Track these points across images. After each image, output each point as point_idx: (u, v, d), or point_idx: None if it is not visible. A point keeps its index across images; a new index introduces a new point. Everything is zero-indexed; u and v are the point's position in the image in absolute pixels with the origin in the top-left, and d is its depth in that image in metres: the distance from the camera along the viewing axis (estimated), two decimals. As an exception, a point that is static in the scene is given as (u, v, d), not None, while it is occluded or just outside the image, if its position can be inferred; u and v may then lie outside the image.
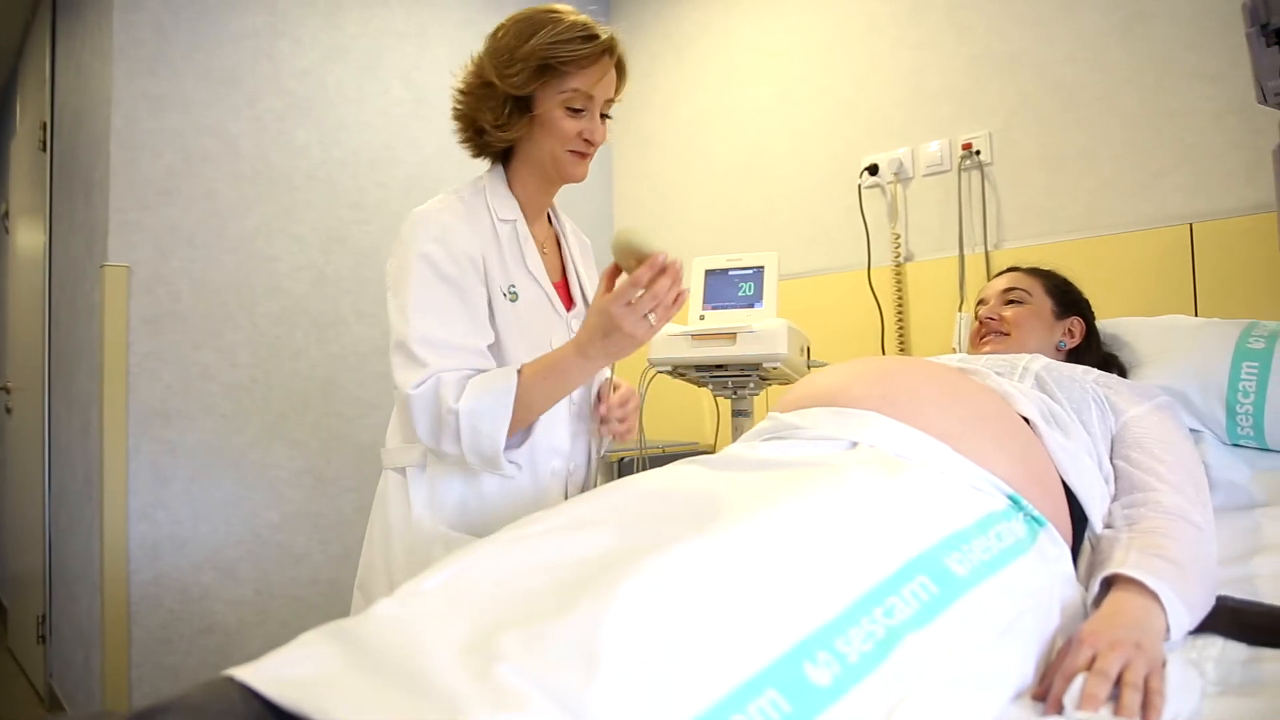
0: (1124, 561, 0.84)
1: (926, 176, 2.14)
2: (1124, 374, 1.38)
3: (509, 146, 1.22)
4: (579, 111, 1.15)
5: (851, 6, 2.30)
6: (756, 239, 2.48)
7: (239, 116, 2.19)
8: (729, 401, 1.78)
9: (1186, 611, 0.80)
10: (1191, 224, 1.71)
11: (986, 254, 2.01)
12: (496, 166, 1.25)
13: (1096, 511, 0.98)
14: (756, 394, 1.76)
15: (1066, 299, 1.45)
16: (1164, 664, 0.72)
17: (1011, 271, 1.52)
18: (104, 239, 2.01)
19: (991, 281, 1.53)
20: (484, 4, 2.68)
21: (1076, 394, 1.11)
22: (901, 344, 2.15)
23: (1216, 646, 0.82)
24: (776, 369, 1.62)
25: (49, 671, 2.45)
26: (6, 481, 3.41)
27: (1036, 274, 1.48)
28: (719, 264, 1.81)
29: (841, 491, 0.75)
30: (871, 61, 2.26)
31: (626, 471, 2.02)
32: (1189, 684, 0.72)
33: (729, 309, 1.73)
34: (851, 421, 0.93)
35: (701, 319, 1.73)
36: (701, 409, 2.58)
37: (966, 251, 2.05)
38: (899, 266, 2.17)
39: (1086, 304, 1.47)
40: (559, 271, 1.31)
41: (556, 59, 1.11)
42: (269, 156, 2.24)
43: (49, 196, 2.54)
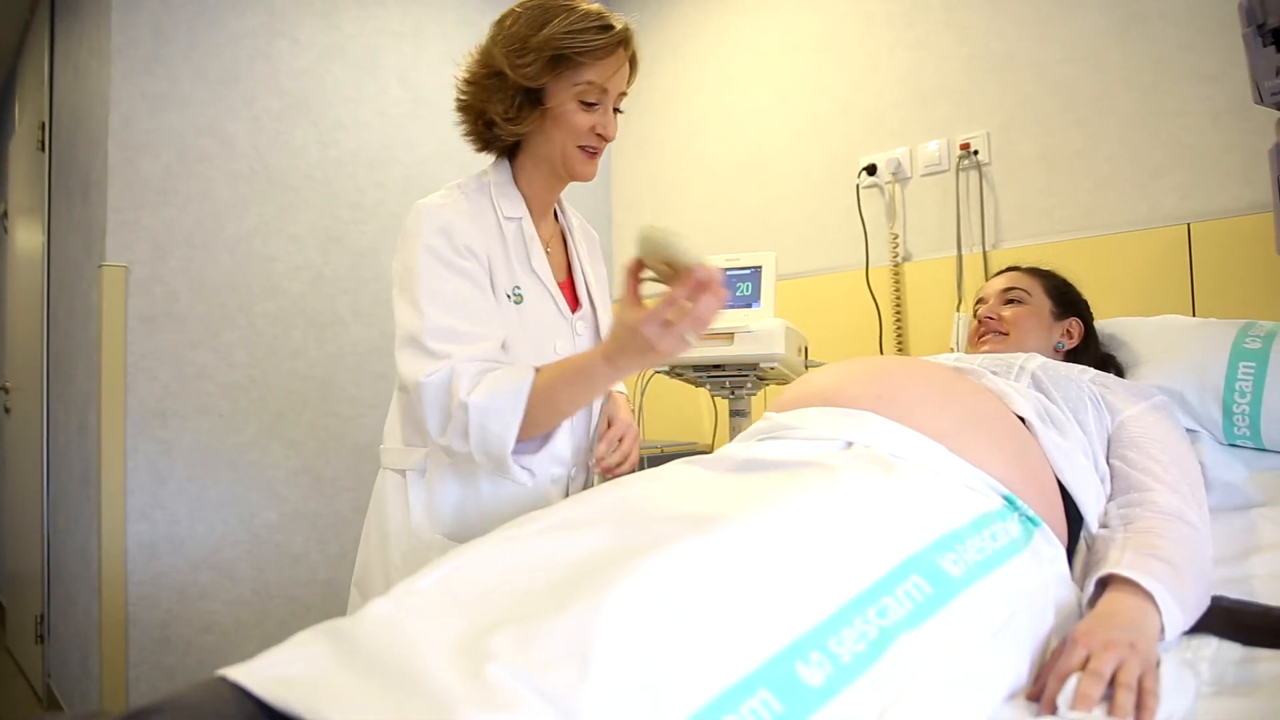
0: (1119, 561, 0.84)
1: (924, 176, 2.14)
2: (1121, 374, 1.38)
3: (516, 141, 1.17)
4: (592, 105, 1.10)
5: (849, 7, 2.30)
6: (755, 239, 2.48)
7: (237, 116, 2.19)
8: (727, 401, 1.78)
9: (1181, 612, 0.80)
10: (1189, 224, 1.71)
11: (984, 254, 2.01)
12: (502, 161, 1.20)
13: (1092, 511, 0.98)
14: (754, 394, 1.76)
15: (1066, 300, 1.44)
16: (1158, 664, 0.72)
17: (1011, 271, 1.52)
18: (102, 239, 2.01)
19: (991, 280, 1.53)
20: (481, 4, 2.68)
21: (1073, 393, 1.11)
22: (900, 344, 2.15)
23: (1211, 647, 0.82)
24: (774, 369, 1.62)
25: (47, 671, 2.45)
26: (5, 481, 3.41)
27: (1036, 274, 1.48)
28: (716, 264, 1.81)
29: (835, 492, 0.75)
30: (869, 62, 2.26)
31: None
32: (1183, 684, 0.72)
33: (727, 308, 1.73)
34: (846, 421, 0.93)
35: (699, 319, 1.74)
36: (699, 409, 2.58)
37: (964, 251, 2.05)
38: (897, 266, 2.17)
39: (1085, 305, 1.46)
40: (564, 270, 1.26)
41: (572, 50, 1.06)
42: (266, 156, 2.24)
43: (47, 196, 2.54)
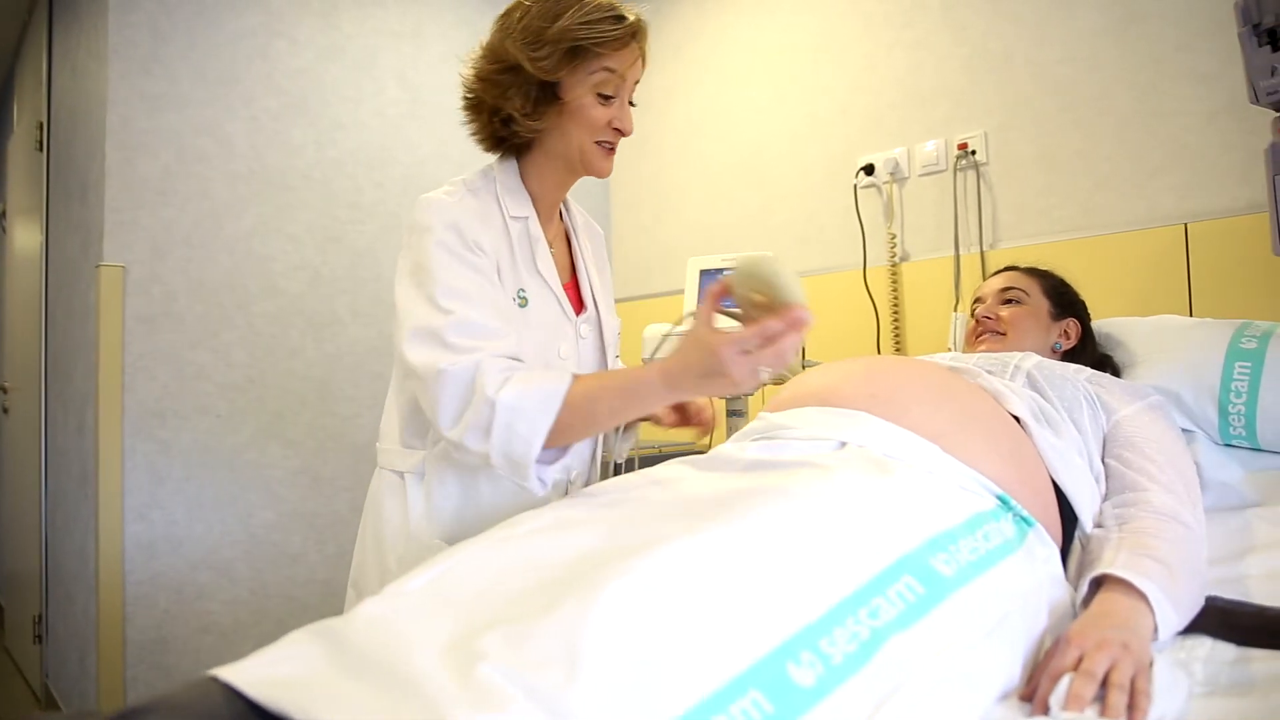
0: (1113, 561, 0.84)
1: (922, 176, 2.14)
2: (1117, 374, 1.38)
3: (528, 138, 1.13)
4: (608, 99, 1.08)
5: (848, 7, 2.30)
6: (753, 239, 2.48)
7: (235, 116, 2.19)
8: (724, 401, 1.78)
9: (1175, 612, 0.80)
10: (1186, 224, 1.71)
11: (982, 254, 2.01)
12: (509, 159, 1.16)
13: (1087, 511, 0.98)
14: (751, 394, 1.76)
15: (1064, 300, 1.44)
16: (1151, 664, 0.72)
17: (1009, 271, 1.51)
18: (100, 239, 2.01)
19: (989, 280, 1.52)
20: (480, 4, 2.68)
21: (1068, 392, 1.11)
22: (897, 344, 2.15)
23: (1205, 647, 0.82)
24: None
25: (45, 671, 2.45)
26: (4, 481, 3.42)
27: (1034, 274, 1.48)
28: (713, 264, 1.81)
29: (828, 492, 0.75)
30: (867, 62, 2.26)
31: (623, 472, 2.02)
32: (1176, 684, 0.72)
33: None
34: (841, 421, 0.93)
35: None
36: (698, 409, 2.58)
37: (962, 251, 2.05)
38: (895, 266, 2.17)
39: (1083, 305, 1.46)
40: (568, 271, 1.22)
41: (590, 40, 1.02)
42: (265, 156, 2.24)
43: (46, 196, 2.54)
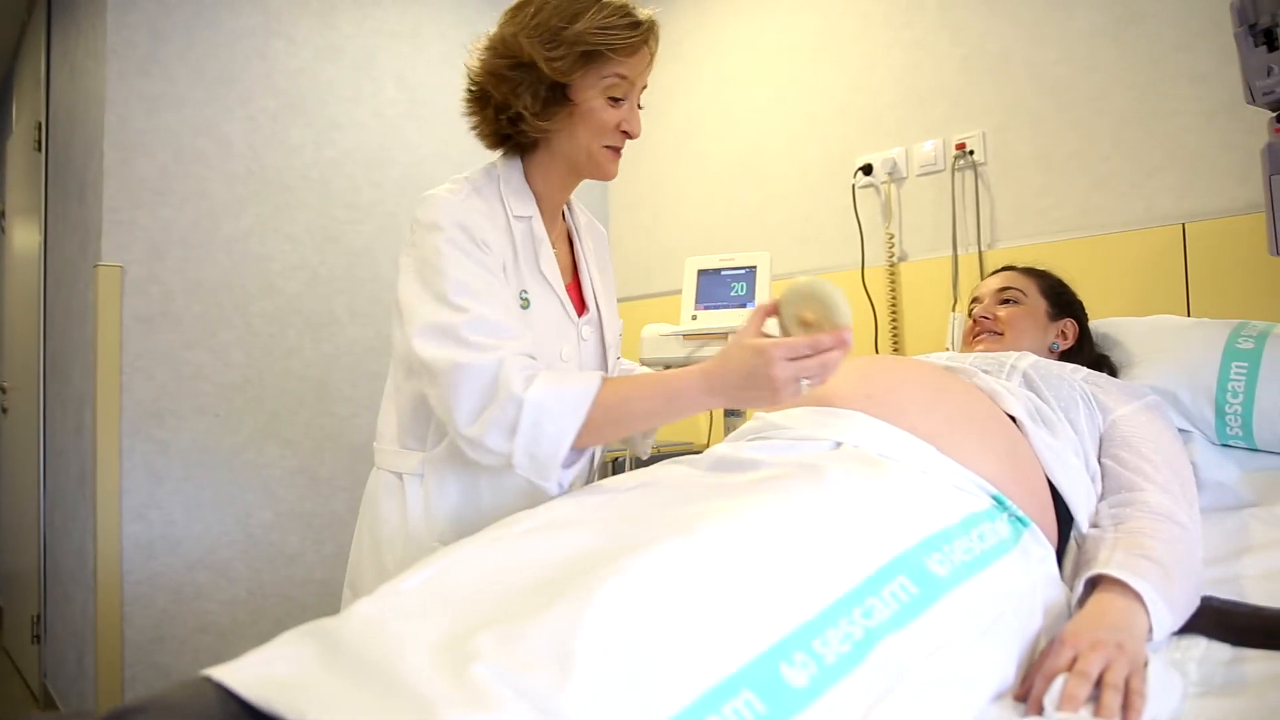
0: (1108, 561, 0.84)
1: (920, 176, 2.14)
2: (1114, 374, 1.38)
3: (534, 138, 1.11)
4: (618, 101, 1.06)
5: (846, 7, 2.30)
6: (751, 239, 2.48)
7: (233, 116, 2.19)
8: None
9: (1170, 612, 0.80)
10: (1184, 224, 1.71)
11: (980, 254, 2.01)
12: (513, 158, 1.14)
13: (1082, 511, 0.98)
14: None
15: (1061, 300, 1.44)
16: (1146, 664, 0.72)
17: (1007, 270, 1.51)
18: (97, 239, 2.01)
19: (986, 280, 1.52)
20: (479, 4, 2.68)
21: (1064, 392, 1.11)
22: (895, 344, 2.15)
23: (1200, 647, 0.82)
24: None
25: (43, 671, 2.45)
26: (2, 481, 3.41)
27: (1032, 274, 1.48)
28: (711, 264, 1.81)
29: (822, 492, 0.75)
30: (865, 61, 2.26)
31: (622, 471, 2.02)
32: (1170, 684, 0.71)
33: (721, 309, 1.74)
34: (836, 421, 0.93)
35: (693, 319, 1.74)
36: (696, 409, 2.58)
37: (960, 251, 2.05)
38: (893, 266, 2.16)
39: (1080, 306, 1.46)
40: (570, 272, 1.21)
41: (606, 46, 1.00)
42: (263, 156, 2.24)
43: (44, 196, 2.54)
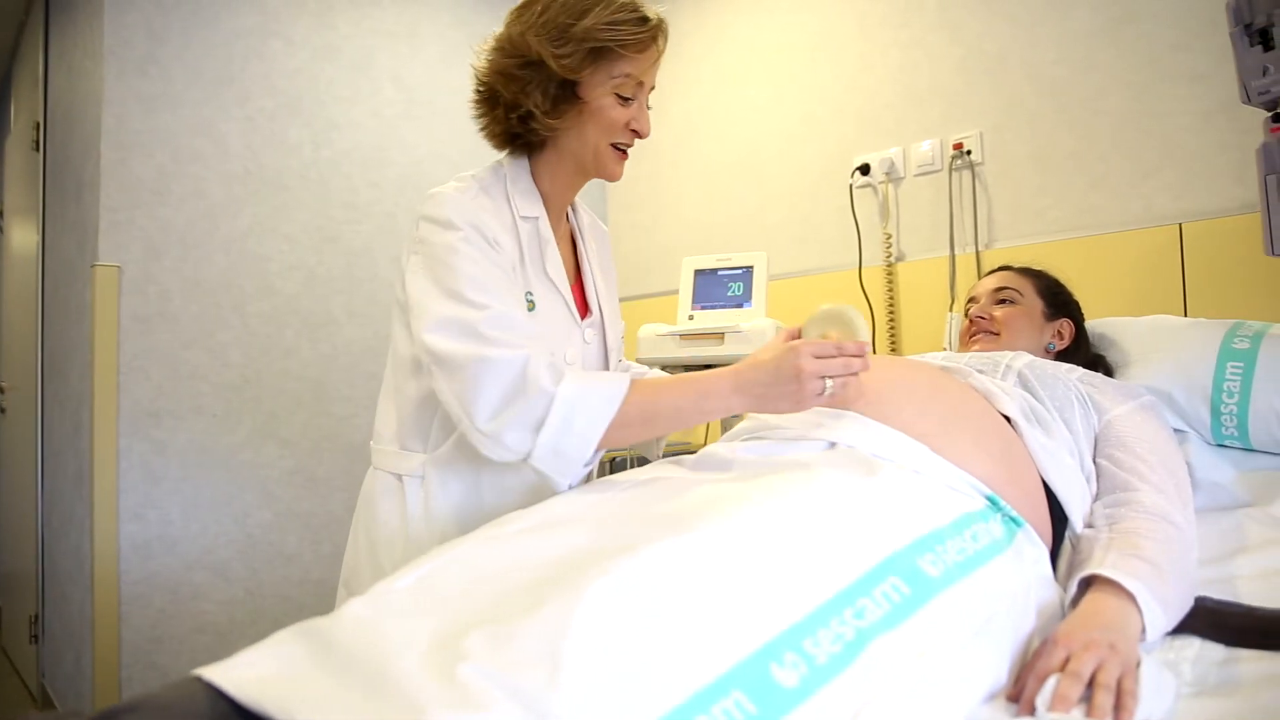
0: (1102, 562, 0.84)
1: (918, 176, 2.14)
2: (1110, 374, 1.38)
3: (542, 137, 1.10)
4: (627, 100, 1.06)
5: (843, 6, 2.30)
6: (748, 238, 2.48)
7: (230, 116, 2.19)
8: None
9: (1163, 612, 0.80)
10: (1180, 224, 1.71)
11: (977, 254, 2.01)
12: (520, 157, 1.13)
13: (1077, 511, 0.98)
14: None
15: (1057, 300, 1.44)
16: (1138, 665, 0.72)
17: (1003, 270, 1.51)
18: (95, 239, 2.01)
19: (983, 280, 1.52)
20: (476, 4, 2.68)
21: (1059, 392, 1.11)
22: (893, 344, 2.15)
23: (1194, 647, 0.82)
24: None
25: (41, 671, 2.45)
26: (1, 481, 3.41)
27: (1028, 274, 1.48)
28: (708, 264, 1.82)
29: (814, 492, 0.75)
30: (863, 61, 2.26)
31: (619, 470, 2.03)
32: (1163, 685, 0.71)
33: (718, 309, 1.74)
34: (830, 422, 0.93)
35: (690, 319, 1.74)
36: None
37: (957, 251, 2.05)
38: (890, 266, 2.16)
39: (1077, 306, 1.46)
40: (573, 273, 1.20)
41: (615, 42, 1.00)
42: (260, 156, 2.24)
43: (42, 196, 2.54)
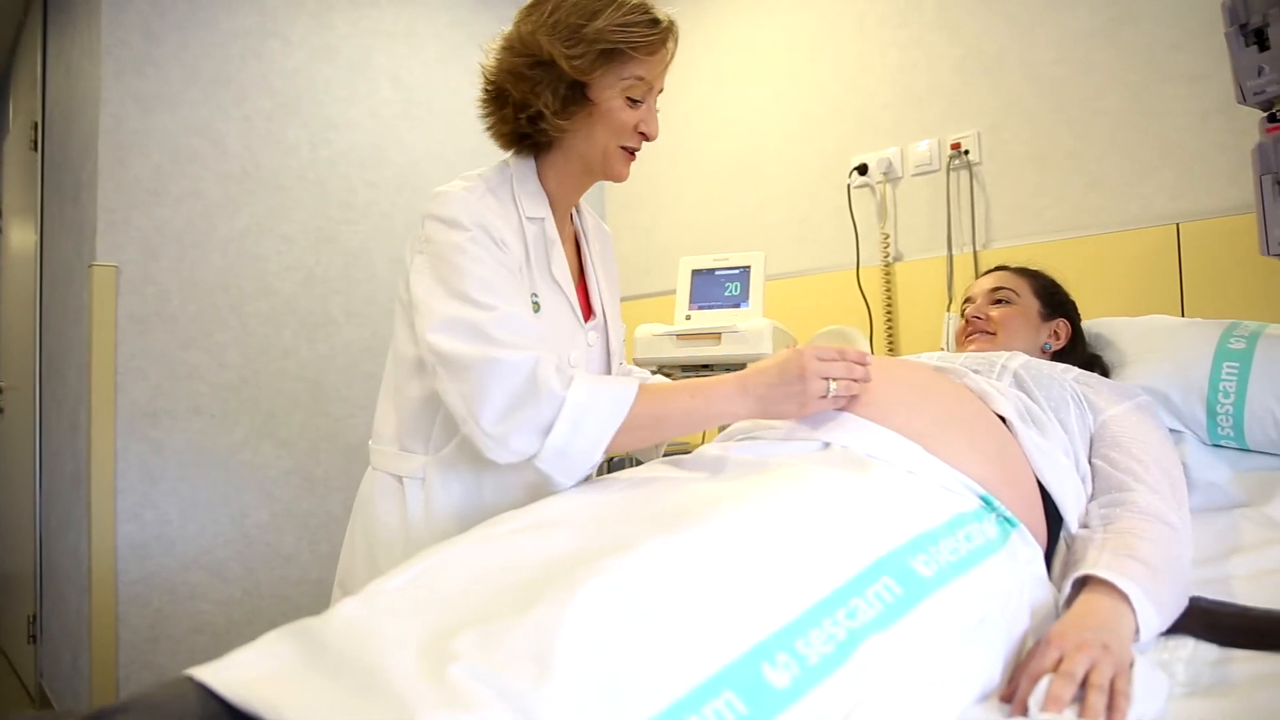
0: (1096, 562, 0.84)
1: (915, 176, 2.14)
2: (1107, 374, 1.38)
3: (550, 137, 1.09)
4: (636, 102, 1.05)
5: (842, 6, 2.30)
6: (746, 238, 2.48)
7: (227, 116, 2.19)
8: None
9: (1156, 613, 0.79)
10: (1178, 224, 1.71)
11: (975, 254, 2.01)
12: (526, 157, 1.12)
13: (1072, 511, 0.97)
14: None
15: (1054, 300, 1.44)
16: (1131, 665, 0.72)
17: (999, 270, 1.51)
18: (92, 239, 2.01)
19: (979, 279, 1.52)
20: (474, 4, 2.68)
21: (1055, 392, 1.11)
22: (890, 344, 2.15)
23: (1188, 648, 0.81)
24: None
25: (39, 671, 2.45)
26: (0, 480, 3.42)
27: (1024, 274, 1.48)
28: (705, 264, 1.82)
29: (807, 493, 0.75)
30: (861, 61, 2.26)
31: (618, 469, 2.02)
32: (1156, 685, 0.71)
33: (715, 309, 1.74)
34: (823, 421, 0.93)
35: (687, 319, 1.74)
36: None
37: (955, 251, 2.05)
38: (888, 266, 2.16)
39: (1073, 306, 1.46)
40: (577, 275, 1.19)
41: (627, 44, 1.00)
42: (258, 156, 2.24)
43: (40, 196, 2.54)
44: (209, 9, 2.17)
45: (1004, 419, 1.02)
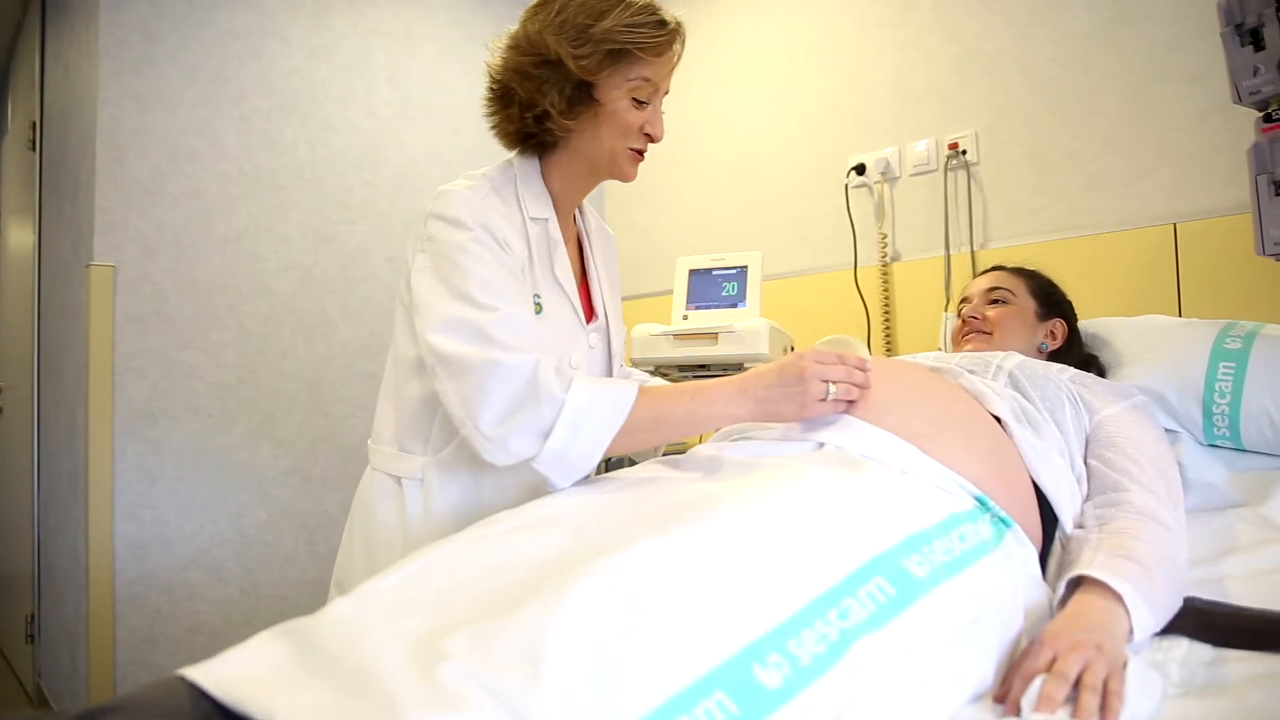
0: (1091, 562, 0.84)
1: (913, 176, 2.14)
2: (1103, 374, 1.38)
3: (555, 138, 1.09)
4: (642, 104, 1.05)
5: (840, 6, 2.30)
6: (744, 238, 2.48)
7: (225, 116, 2.19)
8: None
9: (1150, 613, 0.79)
10: (1175, 224, 1.71)
11: (972, 254, 2.01)
12: (530, 157, 1.12)
13: (1067, 511, 0.97)
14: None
15: (1050, 300, 1.44)
16: (1125, 665, 0.71)
17: (996, 270, 1.51)
18: (90, 238, 2.01)
19: (975, 279, 1.52)
20: (473, 4, 2.68)
21: (1050, 392, 1.11)
22: (888, 344, 2.15)
23: (1182, 648, 0.81)
24: (758, 369, 1.62)
25: (38, 671, 2.45)
26: (-2, 481, 3.41)
27: (1021, 274, 1.48)
28: (703, 264, 1.82)
29: (800, 493, 0.75)
30: (858, 61, 2.26)
31: (615, 469, 2.02)
32: (1149, 685, 0.71)
33: (712, 309, 1.74)
34: (818, 422, 0.93)
35: (684, 319, 1.74)
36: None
37: (952, 251, 2.05)
38: (885, 266, 2.16)
39: (1069, 306, 1.46)
40: (579, 276, 1.18)
41: (634, 44, 1.00)
42: (256, 156, 2.24)
43: (38, 196, 2.54)
44: (207, 9, 2.17)
45: (999, 419, 1.02)
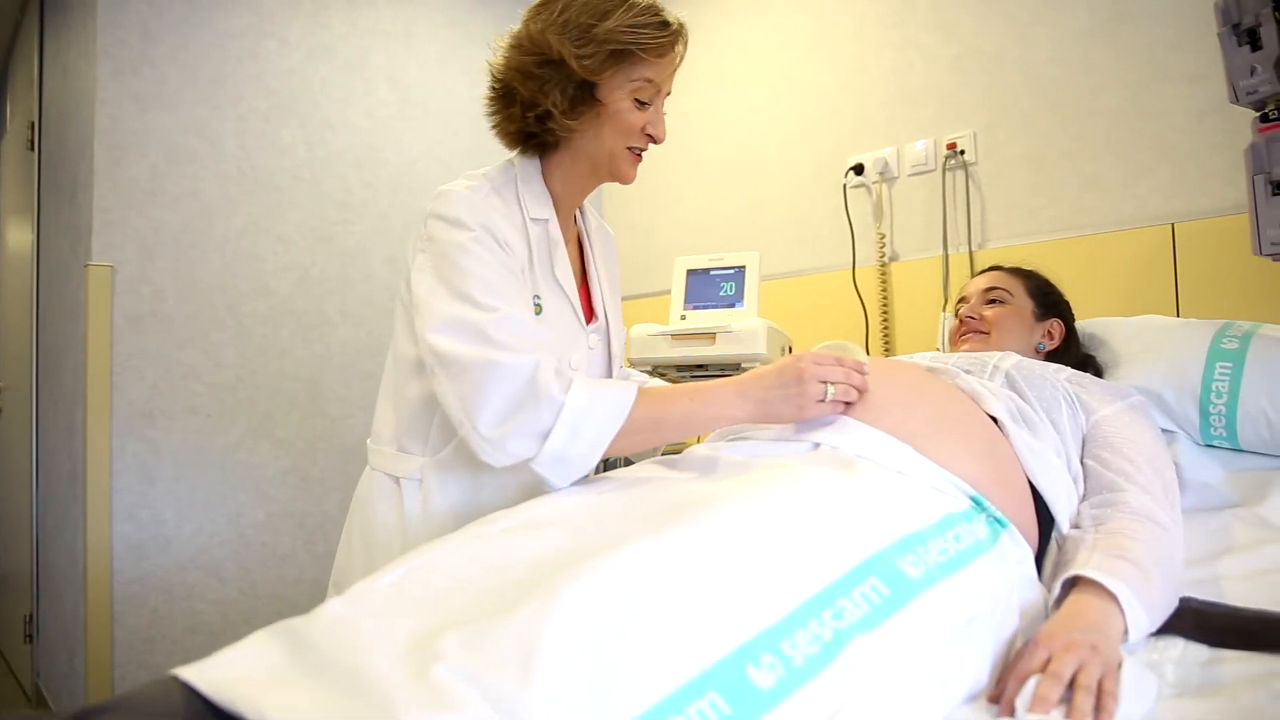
0: (1086, 562, 0.84)
1: (911, 176, 2.14)
2: (1100, 374, 1.38)
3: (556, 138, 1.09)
4: (644, 105, 1.05)
5: (838, 7, 2.30)
6: (743, 239, 2.48)
7: (224, 116, 2.19)
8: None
9: (1146, 613, 0.79)
10: (1173, 224, 1.71)
11: (971, 254, 2.01)
12: (531, 157, 1.12)
13: (1063, 512, 0.97)
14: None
15: (1048, 300, 1.44)
16: (1120, 666, 0.71)
17: (994, 270, 1.51)
18: (88, 238, 2.01)
19: (973, 279, 1.52)
20: (472, 5, 2.68)
21: (1047, 392, 1.11)
22: (886, 344, 2.15)
23: (1177, 648, 0.81)
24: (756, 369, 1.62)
25: (36, 671, 2.45)
26: (-3, 481, 3.41)
27: (1019, 274, 1.48)
28: (700, 264, 1.82)
29: (795, 493, 0.75)
30: (856, 62, 2.26)
31: (612, 469, 2.02)
32: (1145, 686, 0.71)
33: (710, 309, 1.74)
34: (815, 423, 0.93)
35: (682, 319, 1.74)
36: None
37: (951, 251, 2.05)
38: (884, 266, 2.16)
39: (1067, 306, 1.46)
40: (580, 277, 1.18)
41: (637, 45, 1.00)
42: (254, 156, 2.24)
43: (37, 196, 2.55)
44: (206, 9, 2.17)
45: (996, 419, 1.02)
